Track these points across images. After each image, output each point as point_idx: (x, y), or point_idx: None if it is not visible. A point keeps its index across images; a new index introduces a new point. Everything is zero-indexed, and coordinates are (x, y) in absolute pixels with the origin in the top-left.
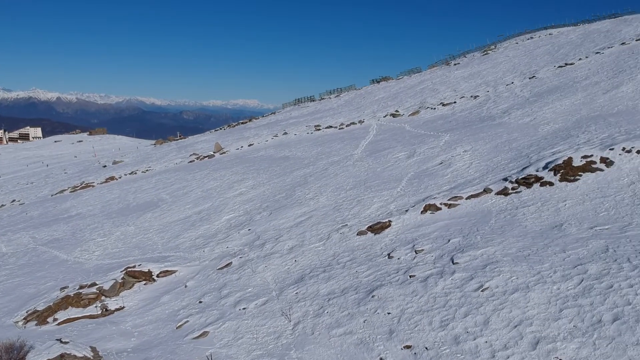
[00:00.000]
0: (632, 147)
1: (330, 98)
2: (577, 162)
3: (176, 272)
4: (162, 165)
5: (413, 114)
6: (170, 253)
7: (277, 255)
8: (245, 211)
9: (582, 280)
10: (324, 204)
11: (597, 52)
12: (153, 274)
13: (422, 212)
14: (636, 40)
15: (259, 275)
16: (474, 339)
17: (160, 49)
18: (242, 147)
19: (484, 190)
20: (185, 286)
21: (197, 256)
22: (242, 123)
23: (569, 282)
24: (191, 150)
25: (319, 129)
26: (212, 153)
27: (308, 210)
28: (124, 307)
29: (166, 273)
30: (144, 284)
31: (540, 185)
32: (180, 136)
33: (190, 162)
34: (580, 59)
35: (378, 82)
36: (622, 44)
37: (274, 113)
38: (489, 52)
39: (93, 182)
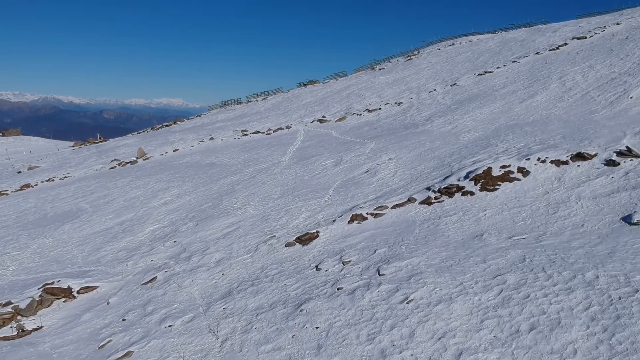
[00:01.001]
0: (546, 158)
1: (257, 101)
2: (496, 171)
3: (98, 288)
4: (81, 171)
5: (340, 119)
6: (92, 267)
7: (204, 268)
8: (171, 222)
9: (502, 291)
10: (252, 214)
11: (514, 61)
12: (73, 290)
13: (349, 222)
14: (549, 50)
15: (185, 290)
16: (400, 352)
17: (78, 46)
18: (166, 152)
19: (408, 200)
20: (108, 303)
21: (119, 270)
22: (166, 126)
23: (489, 292)
24: (112, 155)
25: (246, 134)
26: (135, 159)
27: (236, 221)
28: (42, 326)
29: (87, 289)
30: (64, 302)
31: (462, 195)
32: (100, 138)
33: (112, 168)
34: (498, 67)
35: (305, 85)
36: (537, 53)
37: (199, 116)
38: (412, 57)
39: (7, 190)
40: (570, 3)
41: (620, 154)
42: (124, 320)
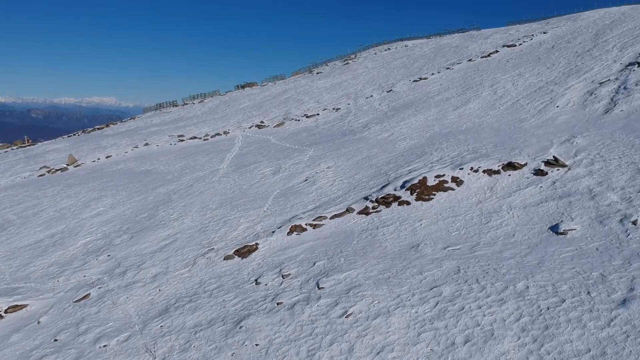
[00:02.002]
0: (479, 167)
1: (194, 104)
2: (432, 181)
3: (27, 307)
4: (8, 179)
5: (278, 125)
6: (20, 284)
7: (139, 284)
8: (104, 234)
9: (438, 303)
10: (190, 226)
11: (448, 68)
12: (0, 309)
13: (288, 234)
14: (481, 57)
15: (120, 308)
16: None
17: (1, 43)
18: (98, 159)
19: (347, 210)
20: (38, 322)
21: (50, 287)
22: (98, 129)
23: (425, 305)
24: (41, 161)
25: (183, 140)
26: (65, 166)
27: (172, 233)
28: None
29: (16, 308)
30: None
31: (399, 205)
32: (28, 141)
33: (41, 175)
34: (433, 73)
35: (243, 87)
36: (469, 60)
37: (133, 118)
38: (349, 61)
39: None
40: (500, 10)
41: (547, 163)
42: (55, 340)
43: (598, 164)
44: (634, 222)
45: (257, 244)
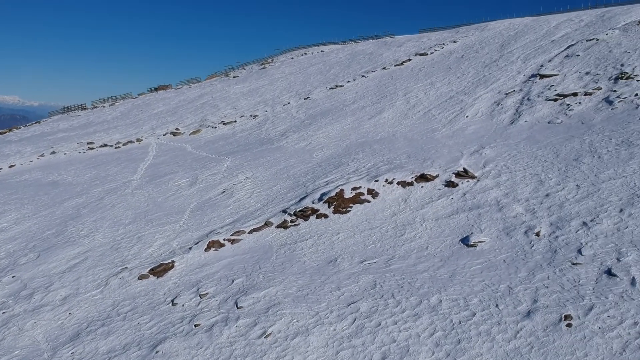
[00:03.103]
0: (394, 179)
1: (104, 107)
2: (348, 193)
3: None
4: None
5: (194, 132)
6: None
7: (48, 307)
8: (8, 253)
9: (355, 320)
10: (101, 243)
11: (363, 76)
12: None
13: (206, 250)
14: (395, 65)
15: (27, 334)
16: None
17: None
18: (1, 168)
19: (265, 224)
20: None
21: None
22: (0, 134)
23: (343, 322)
24: None
25: (93, 148)
26: None
27: (83, 251)
28: None
29: None
30: None
31: (317, 218)
32: None
33: None
34: (348, 81)
35: (156, 90)
36: (384, 68)
37: (39, 122)
38: (266, 65)
39: None
40: (414, 17)
41: (458, 175)
42: None
43: (505, 175)
44: (537, 234)
45: (173, 261)
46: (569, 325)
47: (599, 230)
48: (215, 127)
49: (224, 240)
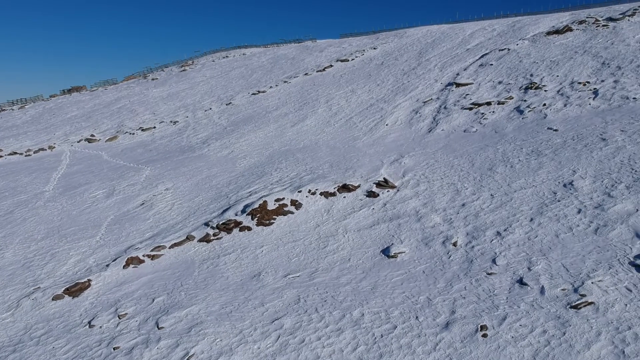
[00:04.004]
0: (316, 189)
1: (12, 110)
2: (272, 205)
3: None
4: None
5: (111, 139)
6: None
7: None
8: None
9: (279, 337)
10: (11, 261)
11: (285, 81)
12: None
13: (124, 267)
14: (317, 71)
15: None
16: None
17: None
18: None
19: (187, 238)
20: None
21: None
22: None
23: (267, 339)
24: None
25: (1, 156)
26: None
27: None
28: None
29: None
30: None
31: (240, 230)
32: None
33: None
34: (271, 86)
35: (70, 92)
36: (306, 74)
37: None
38: (186, 68)
39: None
40: (334, 21)
41: (379, 185)
42: None
43: (423, 184)
44: (454, 244)
45: (89, 280)
46: (484, 335)
47: (512, 240)
48: (133, 134)
49: (143, 256)
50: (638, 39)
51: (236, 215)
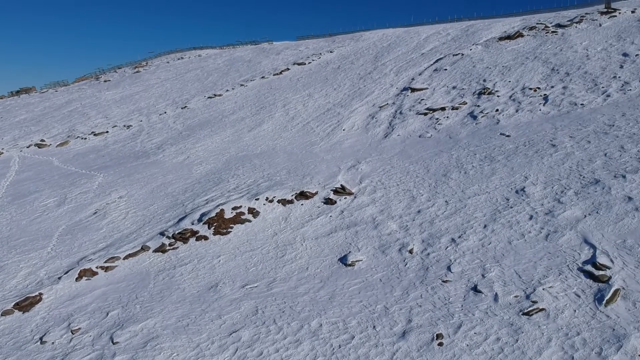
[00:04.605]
0: (274, 197)
1: None
2: (229, 213)
3: None
4: None
5: (62, 144)
6: None
7: None
8: None
9: (237, 350)
10: None
11: (242, 85)
12: None
13: (77, 279)
14: (273, 74)
15: None
16: None
17: None
18: None
19: (142, 248)
20: None
21: None
22: None
23: (225, 353)
24: None
25: None
26: None
27: None
28: None
29: None
30: None
31: (196, 240)
32: None
33: None
34: (227, 90)
35: (18, 94)
36: (262, 77)
37: None
38: (140, 69)
39: None
40: (291, 23)
41: (336, 191)
42: None
43: (380, 191)
44: (410, 251)
45: (40, 294)
46: (440, 344)
47: (466, 247)
48: (86, 138)
49: (97, 267)
50: (585, 46)
51: (192, 224)
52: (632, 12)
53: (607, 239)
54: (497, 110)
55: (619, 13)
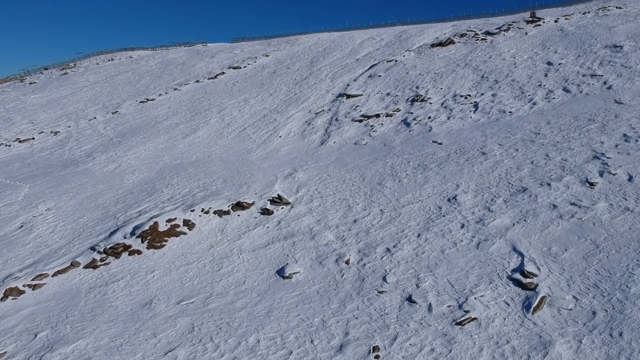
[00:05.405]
0: (210, 208)
1: None
2: (163, 226)
3: None
4: None
5: None
6: None
7: None
8: None
9: None
10: None
11: (176, 89)
12: None
13: (2, 299)
14: (208, 78)
15: None
16: None
17: None
18: None
19: (72, 264)
20: None
21: None
22: None
23: None
24: None
25: None
26: None
27: None
28: None
29: None
30: None
31: (129, 255)
32: None
33: None
34: (160, 94)
35: None
36: (197, 81)
37: None
38: (68, 71)
39: None
40: (226, 25)
41: (273, 201)
42: None
43: (316, 200)
44: (347, 262)
45: None
46: (377, 357)
47: (401, 256)
48: (10, 145)
49: (23, 286)
50: (512, 54)
51: (125, 237)
52: (555, 21)
53: (534, 246)
54: (429, 117)
55: (543, 22)
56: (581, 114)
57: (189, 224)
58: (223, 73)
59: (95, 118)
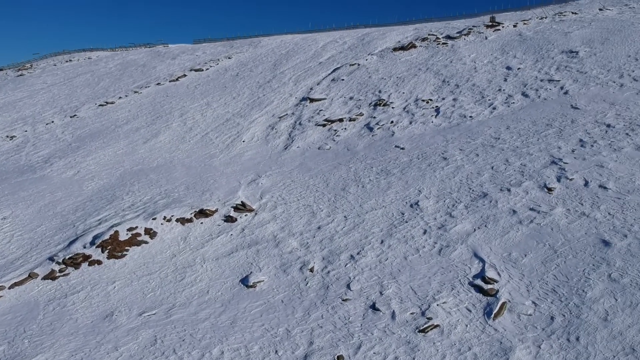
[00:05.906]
0: (172, 216)
1: None
2: (124, 235)
3: None
4: None
5: None
6: None
7: None
8: None
9: None
10: None
11: (136, 91)
12: None
13: None
14: (169, 81)
15: None
16: None
17: None
18: None
19: (29, 275)
20: None
21: None
22: None
23: None
24: None
25: None
26: None
27: None
28: None
29: None
30: None
31: (89, 265)
32: None
33: None
34: (120, 97)
35: None
36: (158, 84)
37: None
38: (24, 72)
39: None
40: (187, 25)
41: (237, 208)
42: None
43: (280, 207)
44: (311, 270)
45: None
46: None
47: (364, 263)
48: None
49: None
50: (473, 58)
51: (84, 247)
52: (514, 26)
53: (494, 252)
54: (392, 122)
55: (503, 27)
56: (539, 118)
57: (150, 232)
58: (185, 75)
59: (52, 122)
